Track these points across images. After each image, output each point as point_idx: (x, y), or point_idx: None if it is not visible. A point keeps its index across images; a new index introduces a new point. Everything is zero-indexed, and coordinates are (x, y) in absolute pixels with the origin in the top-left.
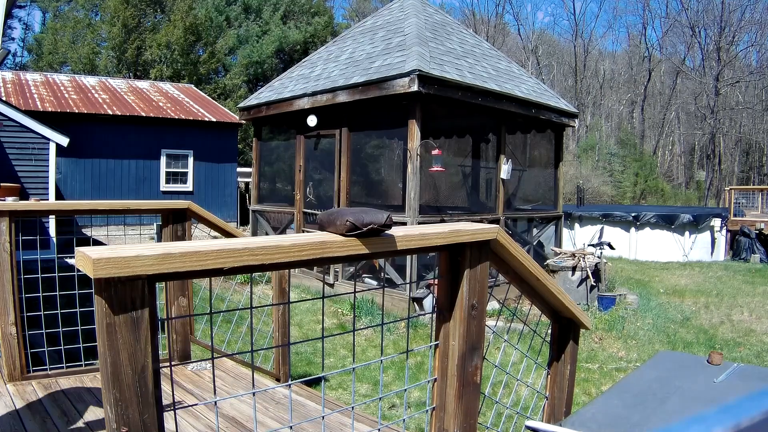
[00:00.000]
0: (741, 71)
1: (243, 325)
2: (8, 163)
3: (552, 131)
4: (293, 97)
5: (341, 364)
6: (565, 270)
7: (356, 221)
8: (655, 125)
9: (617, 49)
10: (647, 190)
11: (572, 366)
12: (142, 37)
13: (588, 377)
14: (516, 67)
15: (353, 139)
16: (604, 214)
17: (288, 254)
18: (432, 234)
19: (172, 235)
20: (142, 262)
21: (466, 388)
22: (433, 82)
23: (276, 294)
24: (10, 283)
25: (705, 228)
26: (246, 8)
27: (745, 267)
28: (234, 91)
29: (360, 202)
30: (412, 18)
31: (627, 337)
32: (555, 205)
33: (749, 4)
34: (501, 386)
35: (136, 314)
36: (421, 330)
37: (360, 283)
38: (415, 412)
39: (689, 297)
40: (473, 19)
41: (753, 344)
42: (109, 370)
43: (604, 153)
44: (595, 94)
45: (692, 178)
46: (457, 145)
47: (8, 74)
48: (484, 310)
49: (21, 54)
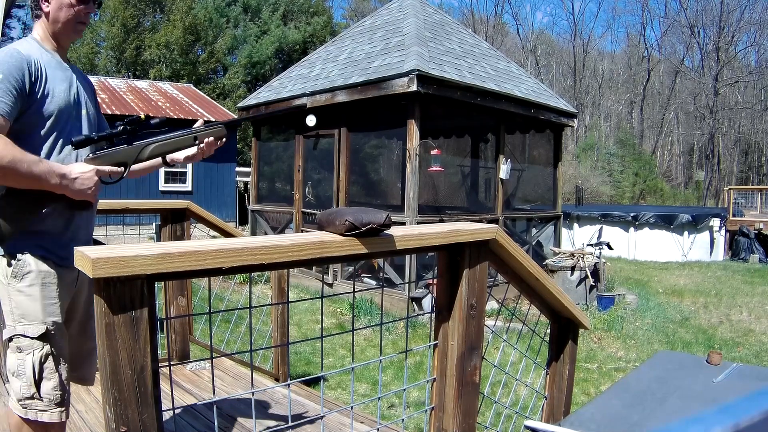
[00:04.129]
0: (740, 71)
1: (242, 325)
2: None
3: (551, 131)
4: (292, 97)
5: (340, 363)
6: (564, 270)
7: (355, 221)
8: (654, 125)
9: (616, 49)
10: (646, 190)
11: (571, 366)
12: (142, 37)
13: (587, 377)
14: (515, 67)
15: (352, 138)
16: (603, 214)
17: (287, 254)
18: (431, 234)
19: (171, 234)
20: (142, 262)
21: (465, 388)
22: (432, 82)
23: (275, 294)
24: None
25: (704, 228)
26: (245, 8)
27: (744, 267)
28: (233, 91)
29: (359, 202)
30: (411, 18)
31: (626, 337)
32: (554, 204)
33: (748, 5)
34: (500, 386)
35: (135, 314)
36: (420, 330)
37: (359, 283)
38: (414, 412)
39: (688, 297)
40: (472, 19)
41: (752, 344)
42: (108, 369)
43: (603, 153)
44: (594, 94)
45: (691, 178)
46: (456, 145)
47: None
48: (483, 309)
49: None
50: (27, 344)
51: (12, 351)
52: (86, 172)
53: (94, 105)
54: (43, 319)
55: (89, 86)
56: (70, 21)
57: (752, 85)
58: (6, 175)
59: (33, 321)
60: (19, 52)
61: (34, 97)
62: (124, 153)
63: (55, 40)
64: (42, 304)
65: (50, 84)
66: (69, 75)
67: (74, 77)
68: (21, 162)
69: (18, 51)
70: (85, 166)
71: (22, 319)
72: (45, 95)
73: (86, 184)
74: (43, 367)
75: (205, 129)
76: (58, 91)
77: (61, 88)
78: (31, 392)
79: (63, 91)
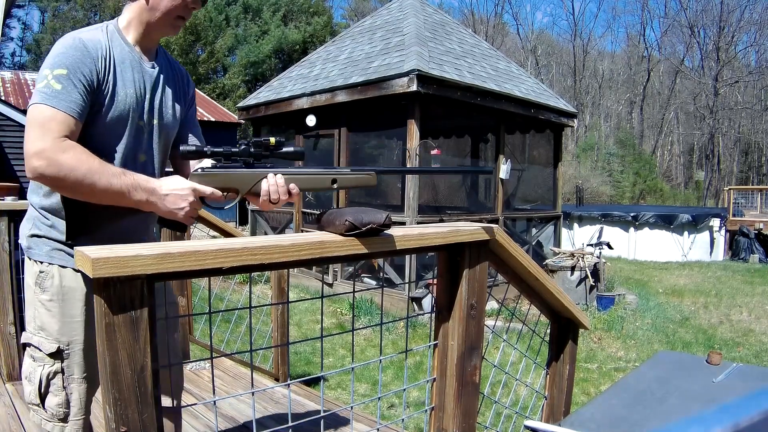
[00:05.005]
0: (740, 71)
1: (242, 325)
2: (7, 162)
3: (551, 131)
4: (292, 97)
5: (340, 363)
6: (564, 270)
7: (355, 221)
8: (654, 125)
9: (616, 49)
10: (646, 190)
11: (571, 366)
12: None
13: (587, 377)
14: (515, 67)
15: (352, 138)
16: (603, 214)
17: (287, 254)
18: (431, 234)
19: (170, 234)
20: (141, 262)
21: (465, 388)
22: (432, 82)
23: (275, 293)
24: (9, 283)
25: (704, 228)
26: (245, 8)
27: (744, 267)
28: (233, 91)
29: (359, 202)
30: (411, 18)
31: (626, 337)
32: (554, 204)
33: (748, 5)
34: (500, 386)
35: (135, 314)
36: (420, 330)
37: (359, 283)
38: (414, 412)
39: (688, 297)
40: (472, 18)
41: (752, 344)
42: (108, 369)
43: (603, 153)
44: (594, 94)
45: (691, 178)
46: (456, 145)
47: (7, 74)
48: (483, 309)
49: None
50: (40, 356)
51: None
52: (181, 189)
53: (181, 113)
54: (57, 338)
55: (182, 88)
56: (171, 12)
57: (752, 85)
58: (79, 189)
59: (48, 336)
60: (83, 42)
61: (97, 98)
62: (239, 178)
63: (145, 32)
64: (60, 321)
65: (117, 85)
66: (143, 77)
67: (157, 78)
68: (99, 174)
69: (82, 41)
70: (181, 181)
71: (40, 330)
72: (107, 98)
73: (178, 204)
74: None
75: (350, 172)
76: (122, 96)
77: (128, 92)
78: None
79: (129, 95)
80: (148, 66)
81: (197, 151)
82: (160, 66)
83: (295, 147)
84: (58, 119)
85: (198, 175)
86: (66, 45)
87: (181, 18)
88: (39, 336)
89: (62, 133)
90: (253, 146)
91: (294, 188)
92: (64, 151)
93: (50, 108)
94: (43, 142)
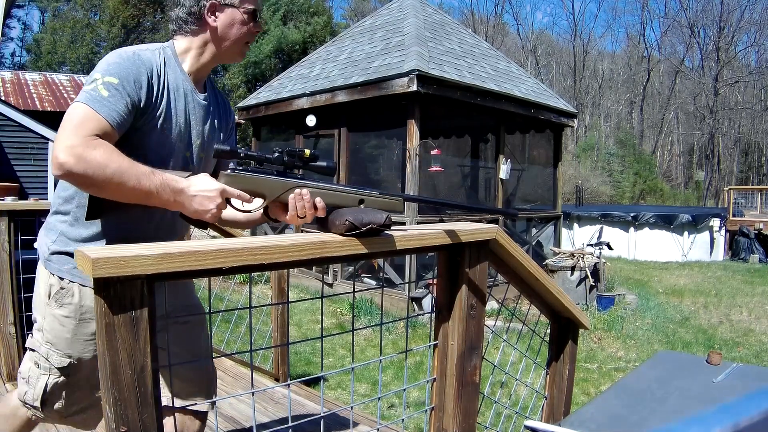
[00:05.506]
0: (740, 71)
1: (242, 325)
2: (7, 162)
3: (551, 131)
4: (292, 97)
5: (340, 363)
6: (564, 270)
7: (355, 221)
8: (654, 125)
9: (616, 49)
10: (646, 190)
11: (571, 366)
12: (142, 37)
13: (587, 377)
14: (515, 67)
15: (352, 138)
16: (603, 214)
17: (287, 254)
18: (431, 234)
19: None
20: (142, 262)
21: (465, 388)
22: (432, 82)
23: (275, 294)
24: (9, 282)
25: (704, 228)
26: None
27: (744, 267)
28: (233, 91)
29: None
30: (411, 18)
31: (626, 337)
32: (554, 205)
33: (748, 5)
34: (500, 386)
35: (135, 314)
36: (420, 330)
37: (359, 283)
38: (414, 412)
39: (688, 297)
40: (472, 19)
41: (752, 344)
42: (108, 369)
43: (603, 153)
44: (594, 94)
45: (691, 178)
46: (456, 145)
47: (7, 74)
48: (483, 309)
49: (20, 54)
50: (45, 366)
51: (29, 359)
52: (210, 190)
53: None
54: (69, 354)
55: (225, 119)
56: (239, 41)
57: (752, 85)
58: (107, 187)
59: (59, 350)
60: (140, 58)
61: (144, 117)
62: (269, 183)
63: (210, 61)
64: (74, 339)
65: (169, 112)
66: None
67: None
68: (128, 173)
69: (139, 57)
70: (210, 182)
71: (50, 342)
72: (157, 121)
73: (205, 206)
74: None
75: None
76: (172, 124)
77: (179, 122)
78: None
79: (179, 125)
80: (201, 98)
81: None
82: (208, 98)
83: (328, 162)
84: (95, 121)
85: (228, 176)
86: (122, 56)
87: (247, 44)
88: (47, 347)
89: (95, 133)
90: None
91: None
92: (95, 148)
93: (91, 110)
94: (75, 138)
